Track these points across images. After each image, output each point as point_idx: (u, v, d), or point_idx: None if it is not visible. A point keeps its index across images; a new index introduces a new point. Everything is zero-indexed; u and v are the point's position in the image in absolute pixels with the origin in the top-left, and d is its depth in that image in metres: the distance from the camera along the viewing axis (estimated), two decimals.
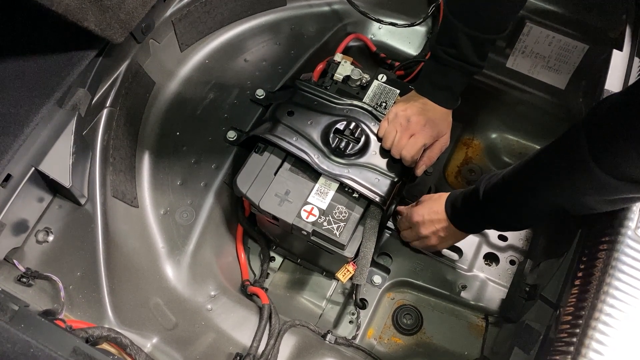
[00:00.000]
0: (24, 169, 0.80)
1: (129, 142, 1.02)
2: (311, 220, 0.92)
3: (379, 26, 1.30)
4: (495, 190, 0.88)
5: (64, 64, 0.83)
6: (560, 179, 0.76)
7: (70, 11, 0.76)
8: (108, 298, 0.86)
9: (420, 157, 1.01)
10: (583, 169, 0.70)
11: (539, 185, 0.81)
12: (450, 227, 0.99)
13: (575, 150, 0.71)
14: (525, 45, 1.24)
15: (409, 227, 1.07)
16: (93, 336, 0.71)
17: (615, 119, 0.68)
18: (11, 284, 0.79)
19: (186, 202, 1.04)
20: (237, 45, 1.21)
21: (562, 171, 0.75)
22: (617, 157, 0.67)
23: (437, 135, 1.01)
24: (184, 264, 0.99)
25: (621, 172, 0.67)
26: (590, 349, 0.65)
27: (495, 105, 1.32)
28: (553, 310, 0.79)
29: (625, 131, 0.65)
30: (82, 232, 0.88)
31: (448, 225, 0.99)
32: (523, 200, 0.85)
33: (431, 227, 1.01)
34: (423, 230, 1.03)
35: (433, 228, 1.01)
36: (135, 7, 0.87)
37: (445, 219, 0.98)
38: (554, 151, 0.79)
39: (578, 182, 0.73)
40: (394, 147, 0.98)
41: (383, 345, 1.10)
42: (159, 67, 1.10)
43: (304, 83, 1.06)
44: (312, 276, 1.15)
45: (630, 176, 0.67)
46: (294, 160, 0.98)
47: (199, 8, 1.12)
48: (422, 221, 1.02)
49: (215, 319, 0.94)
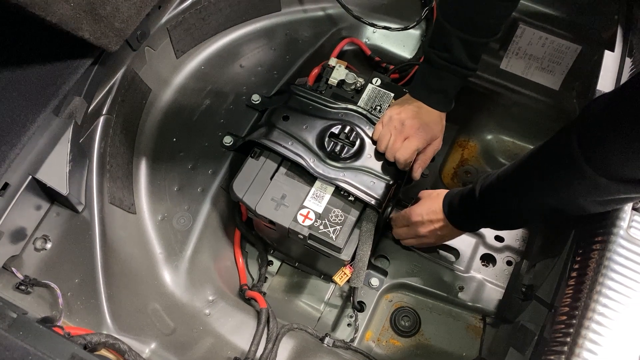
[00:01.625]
0: (21, 177, 0.80)
1: (126, 149, 1.03)
2: (307, 224, 0.93)
3: (373, 30, 1.31)
4: (490, 190, 0.89)
5: (60, 73, 0.84)
6: (552, 179, 0.76)
7: (64, 21, 0.77)
8: (106, 304, 0.86)
9: (415, 160, 1.01)
10: (574, 169, 0.71)
11: (532, 186, 0.82)
12: (447, 225, 0.99)
13: (566, 151, 0.72)
14: (518, 46, 1.25)
15: (405, 226, 1.07)
16: (91, 342, 0.72)
17: (604, 119, 0.68)
18: (10, 291, 0.80)
19: (183, 207, 1.05)
20: (232, 51, 1.21)
21: (554, 172, 0.76)
22: (608, 157, 0.67)
23: (430, 139, 1.01)
24: (181, 269, 0.99)
25: (612, 171, 0.68)
26: (583, 349, 0.65)
27: (490, 107, 1.32)
28: (548, 310, 0.80)
29: (614, 131, 0.66)
30: (79, 239, 0.88)
31: (446, 224, 0.99)
32: (517, 200, 0.85)
33: (430, 226, 1.01)
34: (421, 229, 1.03)
35: (431, 227, 1.01)
36: (130, 15, 0.88)
37: (443, 218, 0.98)
38: (546, 151, 0.79)
39: (570, 182, 0.73)
40: (388, 150, 0.98)
41: (381, 347, 1.11)
42: (155, 74, 1.10)
43: (299, 88, 1.07)
44: (310, 279, 1.15)
45: (621, 176, 0.67)
46: (290, 164, 0.99)
47: (194, 15, 1.13)
48: (421, 221, 1.02)
49: (213, 323, 0.95)
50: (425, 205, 1.02)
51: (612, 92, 0.73)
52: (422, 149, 1.01)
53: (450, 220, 0.98)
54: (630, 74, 0.95)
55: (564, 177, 0.74)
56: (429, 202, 1.02)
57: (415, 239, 1.07)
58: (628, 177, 0.67)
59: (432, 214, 1.00)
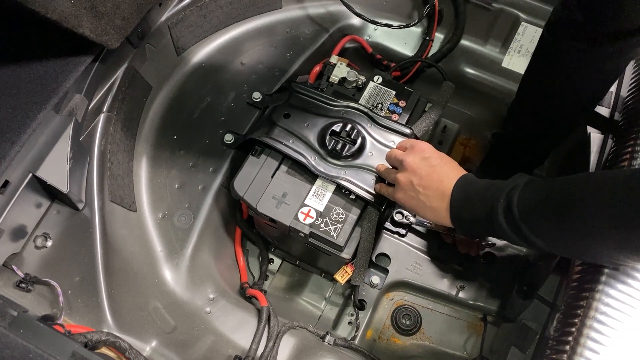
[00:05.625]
0: (21, 175, 0.80)
1: (127, 146, 1.03)
2: (308, 222, 0.93)
3: (375, 27, 1.31)
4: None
5: (60, 70, 0.84)
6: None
7: (65, 18, 0.76)
8: (107, 302, 0.86)
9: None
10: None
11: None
12: (446, 217, 0.81)
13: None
14: (520, 44, 1.24)
15: (390, 169, 0.91)
16: (92, 340, 0.72)
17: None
18: (10, 289, 0.80)
19: (184, 205, 1.04)
20: (233, 49, 1.21)
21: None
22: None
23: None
24: (182, 267, 0.99)
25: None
26: (586, 348, 0.65)
27: (492, 105, 1.32)
28: (549, 309, 0.79)
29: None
30: (80, 237, 0.88)
31: (445, 215, 0.81)
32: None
33: (419, 198, 0.83)
34: (408, 193, 0.83)
35: (420, 200, 0.83)
36: (131, 12, 0.88)
37: (446, 207, 0.80)
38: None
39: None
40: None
41: (382, 345, 1.11)
42: (156, 72, 1.10)
43: (300, 85, 1.06)
44: (311, 278, 1.15)
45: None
46: (291, 162, 0.98)
47: (194, 12, 1.12)
48: (414, 183, 0.82)
49: (214, 321, 0.95)
50: (431, 170, 0.83)
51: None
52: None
53: (456, 224, 0.81)
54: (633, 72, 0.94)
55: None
56: (438, 171, 0.82)
57: (394, 189, 0.89)
58: None
59: (434, 191, 0.81)
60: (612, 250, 0.64)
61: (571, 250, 0.71)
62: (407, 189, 0.84)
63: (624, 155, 0.79)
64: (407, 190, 0.84)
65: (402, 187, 0.85)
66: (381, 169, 0.94)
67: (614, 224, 0.60)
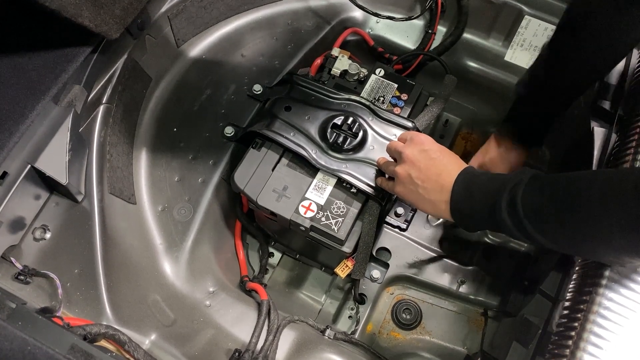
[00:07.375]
0: (20, 166, 0.79)
1: (126, 138, 1.02)
2: (309, 215, 0.92)
3: (377, 20, 1.29)
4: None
5: (59, 61, 0.83)
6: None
7: (64, 7, 0.76)
8: (106, 295, 0.86)
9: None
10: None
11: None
12: (445, 210, 0.80)
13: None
14: (523, 38, 1.23)
15: (390, 161, 0.90)
16: (91, 333, 0.72)
17: None
18: (9, 281, 0.79)
19: (184, 198, 1.04)
20: (234, 40, 1.20)
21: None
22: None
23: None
24: (182, 261, 0.98)
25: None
26: (589, 343, 0.65)
27: (494, 99, 1.31)
28: (552, 304, 0.79)
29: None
30: (79, 229, 0.88)
31: (445, 208, 0.79)
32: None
33: (418, 191, 0.81)
34: (407, 186, 0.82)
35: (423, 187, 0.80)
36: (131, 2, 0.87)
37: (446, 200, 0.79)
38: None
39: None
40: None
41: (382, 340, 1.10)
42: (156, 63, 1.09)
43: (301, 78, 1.05)
44: (311, 271, 1.15)
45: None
46: (292, 155, 0.98)
47: (195, 3, 1.11)
48: (413, 176, 0.81)
49: (213, 315, 0.94)
50: (430, 163, 0.81)
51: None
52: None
53: (457, 218, 0.80)
54: (637, 66, 0.93)
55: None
56: (437, 164, 0.80)
57: (393, 182, 0.87)
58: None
59: (434, 183, 0.79)
60: (620, 252, 0.63)
61: (576, 249, 0.70)
62: (406, 182, 0.83)
63: (628, 150, 0.78)
64: (405, 183, 0.83)
65: (401, 180, 0.84)
66: (381, 162, 0.93)
67: (623, 226, 0.59)
